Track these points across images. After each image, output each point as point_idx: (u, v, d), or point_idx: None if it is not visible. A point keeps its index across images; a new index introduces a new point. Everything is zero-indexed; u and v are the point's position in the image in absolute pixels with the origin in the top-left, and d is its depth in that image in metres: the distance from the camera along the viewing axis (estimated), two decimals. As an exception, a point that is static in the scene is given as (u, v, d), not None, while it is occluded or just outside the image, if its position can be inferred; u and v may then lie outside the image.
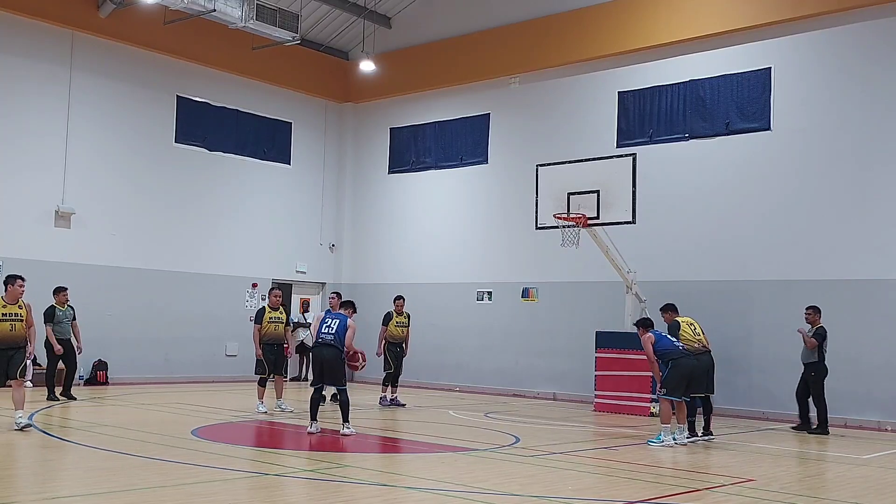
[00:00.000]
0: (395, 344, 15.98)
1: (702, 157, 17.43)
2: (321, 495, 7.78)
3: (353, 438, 11.36)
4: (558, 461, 10.01)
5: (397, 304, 16.23)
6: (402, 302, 16.28)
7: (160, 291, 19.71)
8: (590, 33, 18.94)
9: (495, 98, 20.81)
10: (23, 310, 11.32)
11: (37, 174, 17.97)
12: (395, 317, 16.02)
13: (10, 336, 11.11)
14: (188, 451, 9.78)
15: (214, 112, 21.03)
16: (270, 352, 14.27)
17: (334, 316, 12.11)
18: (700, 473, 9.73)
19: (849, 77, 15.88)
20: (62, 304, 15.47)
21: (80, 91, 18.67)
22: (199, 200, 20.63)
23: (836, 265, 15.67)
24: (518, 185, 19.32)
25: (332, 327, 11.80)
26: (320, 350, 11.79)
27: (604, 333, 16.43)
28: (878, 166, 15.47)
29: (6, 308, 11.22)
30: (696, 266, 17.18)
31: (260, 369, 14.25)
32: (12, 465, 9.07)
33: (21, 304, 11.36)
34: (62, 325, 15.37)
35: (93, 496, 7.36)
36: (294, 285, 22.77)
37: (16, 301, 11.33)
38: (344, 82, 23.41)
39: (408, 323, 16.21)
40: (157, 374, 19.47)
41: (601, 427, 13.87)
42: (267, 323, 14.28)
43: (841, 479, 9.55)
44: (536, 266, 19.50)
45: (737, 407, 16.34)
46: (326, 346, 11.73)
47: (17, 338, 11.20)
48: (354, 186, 23.50)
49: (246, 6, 18.54)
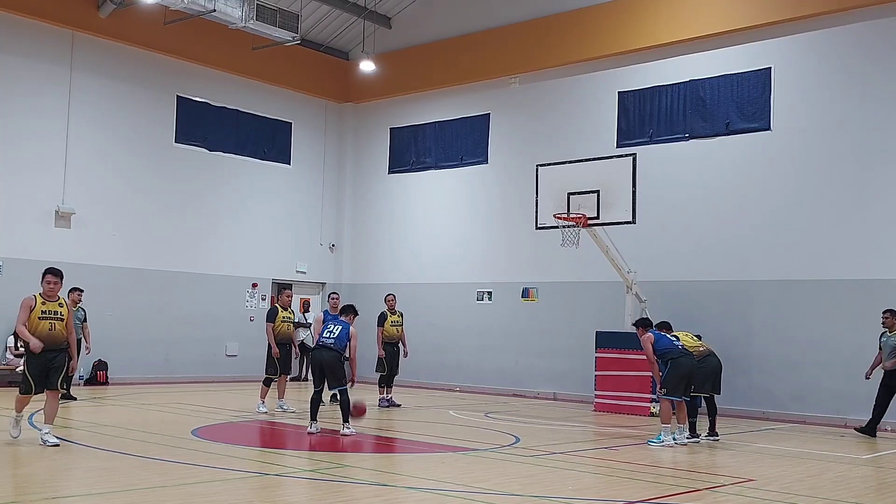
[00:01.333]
0: (392, 344, 15.79)
1: (702, 157, 17.43)
2: (321, 495, 7.78)
3: (353, 438, 11.36)
4: (558, 461, 10.01)
5: (389, 300, 16.01)
6: (394, 298, 16.13)
7: (160, 291, 19.71)
8: (590, 33, 18.94)
9: (495, 98, 20.81)
10: (63, 308, 10.07)
11: (37, 174, 17.97)
12: (389, 316, 15.84)
13: (49, 337, 9.88)
14: (188, 451, 9.78)
15: (214, 112, 21.03)
16: (282, 351, 14.30)
17: (338, 322, 12.07)
18: (700, 473, 9.73)
19: (849, 77, 15.88)
20: (74, 304, 15.45)
21: (80, 91, 18.67)
22: (199, 200, 20.63)
23: (836, 265, 15.66)
24: (518, 185, 19.32)
25: (334, 333, 11.78)
26: (320, 353, 11.78)
27: (604, 333, 16.43)
28: (878, 166, 15.47)
29: (45, 305, 9.97)
30: (696, 266, 17.18)
31: (272, 370, 14.19)
32: (12, 465, 9.07)
33: (62, 303, 10.12)
34: (73, 325, 15.30)
35: (93, 496, 7.36)
36: (294, 285, 22.75)
37: (56, 298, 10.07)
38: (344, 82, 23.40)
39: (402, 321, 16.05)
40: (157, 374, 19.47)
41: (601, 427, 13.86)
42: (280, 322, 14.28)
43: (841, 479, 9.55)
44: (536, 266, 19.50)
45: (737, 407, 16.32)
46: (326, 349, 11.72)
47: (59, 339, 9.96)
48: (354, 186, 23.50)
49: (246, 6, 18.54)
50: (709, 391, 12.61)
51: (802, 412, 15.64)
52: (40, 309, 9.94)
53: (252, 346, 21.45)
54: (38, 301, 9.99)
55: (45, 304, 9.98)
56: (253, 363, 21.44)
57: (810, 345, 15.75)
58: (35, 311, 9.92)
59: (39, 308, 9.94)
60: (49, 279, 10.04)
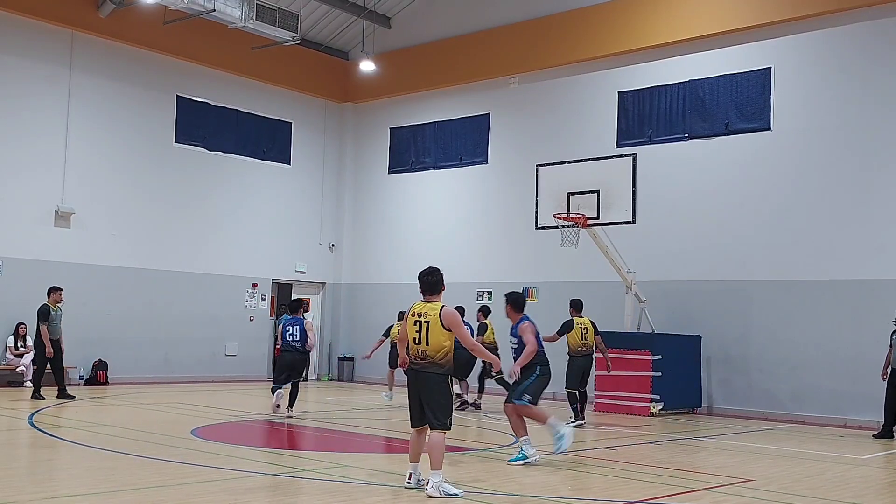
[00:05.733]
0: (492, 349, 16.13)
1: (702, 157, 17.43)
2: (321, 495, 7.78)
3: (353, 438, 11.36)
4: (558, 461, 10.01)
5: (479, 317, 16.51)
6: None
7: (160, 291, 19.71)
8: (590, 33, 18.94)
9: (495, 98, 20.81)
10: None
11: (37, 174, 17.97)
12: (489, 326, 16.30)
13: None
14: (188, 451, 9.78)
15: (214, 112, 21.03)
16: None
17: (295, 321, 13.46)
18: (700, 473, 9.73)
19: (848, 77, 15.88)
20: (56, 303, 15.47)
21: (80, 91, 18.67)
22: (199, 200, 20.63)
23: (836, 265, 15.66)
24: (518, 185, 19.32)
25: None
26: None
27: (604, 333, 16.38)
28: (878, 166, 15.46)
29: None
30: (696, 266, 17.18)
31: (393, 362, 15.88)
32: (12, 465, 9.07)
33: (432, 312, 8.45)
34: (54, 325, 15.36)
35: (93, 496, 7.36)
36: (294, 285, 22.78)
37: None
38: (344, 82, 23.40)
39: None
40: (157, 374, 19.47)
41: (601, 427, 13.86)
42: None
43: (841, 479, 9.55)
44: (536, 266, 19.49)
45: (736, 407, 16.35)
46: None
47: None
48: (354, 186, 23.50)
49: (246, 6, 18.53)
50: (576, 387, 13.61)
51: (801, 412, 15.65)
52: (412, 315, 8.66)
53: (252, 346, 21.51)
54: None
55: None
56: (253, 363, 21.52)
57: (810, 345, 15.75)
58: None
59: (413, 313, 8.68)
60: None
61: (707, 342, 16.73)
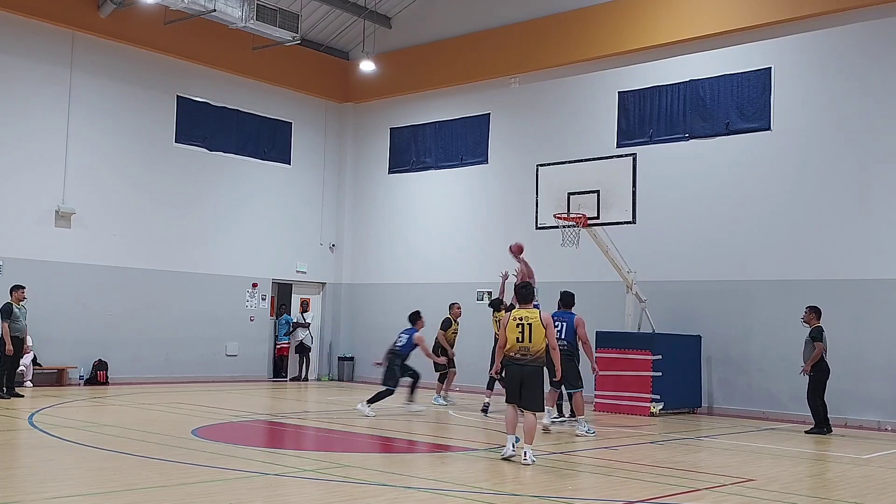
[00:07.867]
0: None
1: (702, 157, 17.43)
2: (321, 495, 7.78)
3: (353, 439, 11.36)
4: (558, 461, 10.01)
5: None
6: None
7: (160, 291, 19.71)
8: (590, 33, 18.94)
9: (495, 98, 20.81)
10: None
11: (37, 174, 17.97)
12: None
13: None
14: (188, 451, 9.78)
15: (214, 112, 21.04)
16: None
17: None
18: (700, 473, 9.73)
19: (849, 77, 15.88)
20: (18, 301, 15.50)
21: (80, 91, 18.68)
22: (199, 200, 20.63)
23: (836, 265, 15.67)
24: (518, 185, 19.32)
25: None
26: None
27: (604, 333, 16.41)
28: (878, 166, 15.46)
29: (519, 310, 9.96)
30: (696, 266, 17.18)
31: (441, 366, 16.20)
32: (12, 465, 9.07)
33: None
34: (18, 323, 15.39)
35: (93, 496, 7.36)
36: (294, 285, 22.79)
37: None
38: (344, 82, 23.41)
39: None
40: (157, 374, 19.47)
41: (601, 427, 13.85)
42: (451, 334, 16.36)
43: (841, 479, 9.55)
44: (536, 266, 19.40)
45: (737, 407, 16.35)
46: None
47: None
48: (354, 186, 23.50)
49: (246, 6, 18.54)
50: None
51: (802, 412, 15.62)
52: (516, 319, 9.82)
53: (252, 346, 21.51)
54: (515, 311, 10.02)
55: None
56: (253, 363, 21.53)
57: (810, 345, 15.72)
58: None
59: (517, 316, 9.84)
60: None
61: (707, 342, 16.73)
